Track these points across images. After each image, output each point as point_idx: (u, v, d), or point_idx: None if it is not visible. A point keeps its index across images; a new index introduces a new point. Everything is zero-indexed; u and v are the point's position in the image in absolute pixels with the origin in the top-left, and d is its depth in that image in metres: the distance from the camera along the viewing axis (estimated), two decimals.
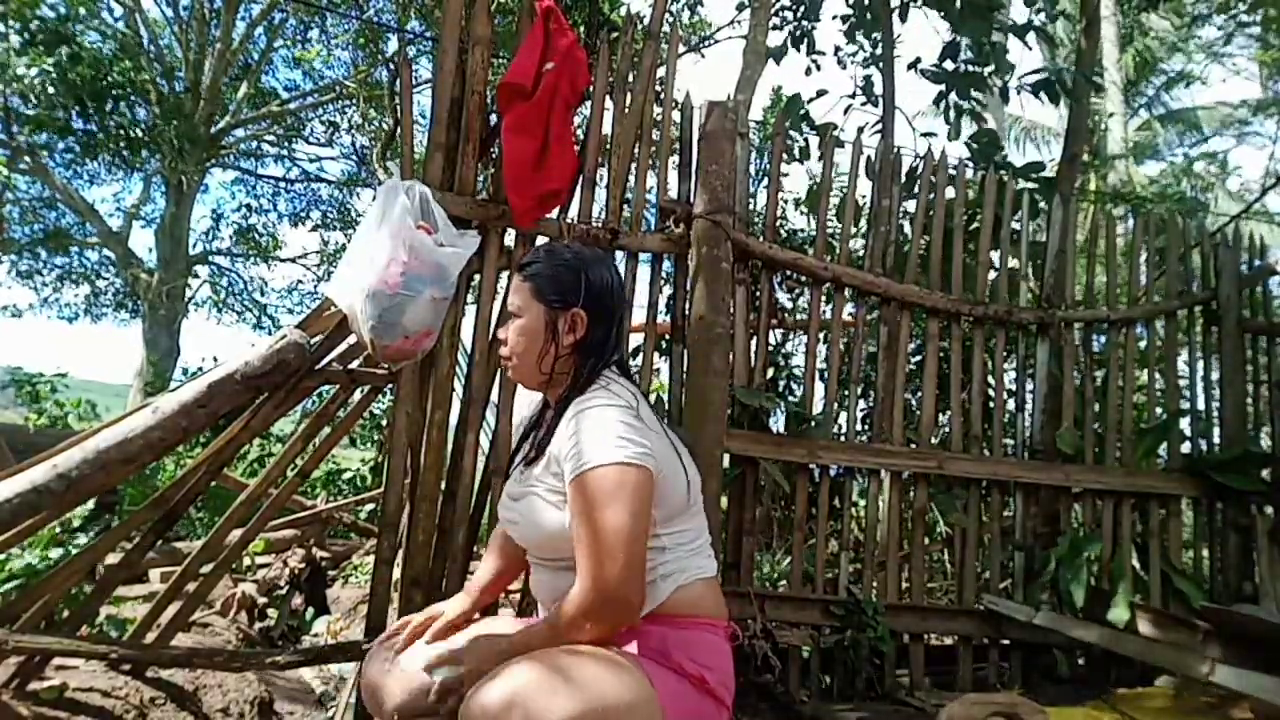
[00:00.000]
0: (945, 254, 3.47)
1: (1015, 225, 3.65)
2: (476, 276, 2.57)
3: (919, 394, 3.53)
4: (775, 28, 6.93)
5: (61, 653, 2.08)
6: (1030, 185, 4.37)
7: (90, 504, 2.69)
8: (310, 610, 4.41)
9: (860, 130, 3.49)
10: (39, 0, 7.88)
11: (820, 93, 5.79)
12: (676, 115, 2.99)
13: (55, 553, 2.33)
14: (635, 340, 3.35)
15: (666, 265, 2.92)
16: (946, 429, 3.49)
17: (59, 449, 2.11)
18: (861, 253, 3.56)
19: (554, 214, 2.66)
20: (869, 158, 3.35)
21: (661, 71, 2.93)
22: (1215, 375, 3.79)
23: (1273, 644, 2.61)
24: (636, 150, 2.80)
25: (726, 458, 2.87)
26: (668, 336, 2.98)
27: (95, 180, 13.41)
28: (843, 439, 3.22)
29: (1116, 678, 3.20)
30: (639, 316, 2.95)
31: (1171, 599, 3.41)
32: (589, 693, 1.23)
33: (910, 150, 3.51)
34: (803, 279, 3.32)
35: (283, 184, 15.92)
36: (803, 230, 5.54)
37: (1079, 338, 3.57)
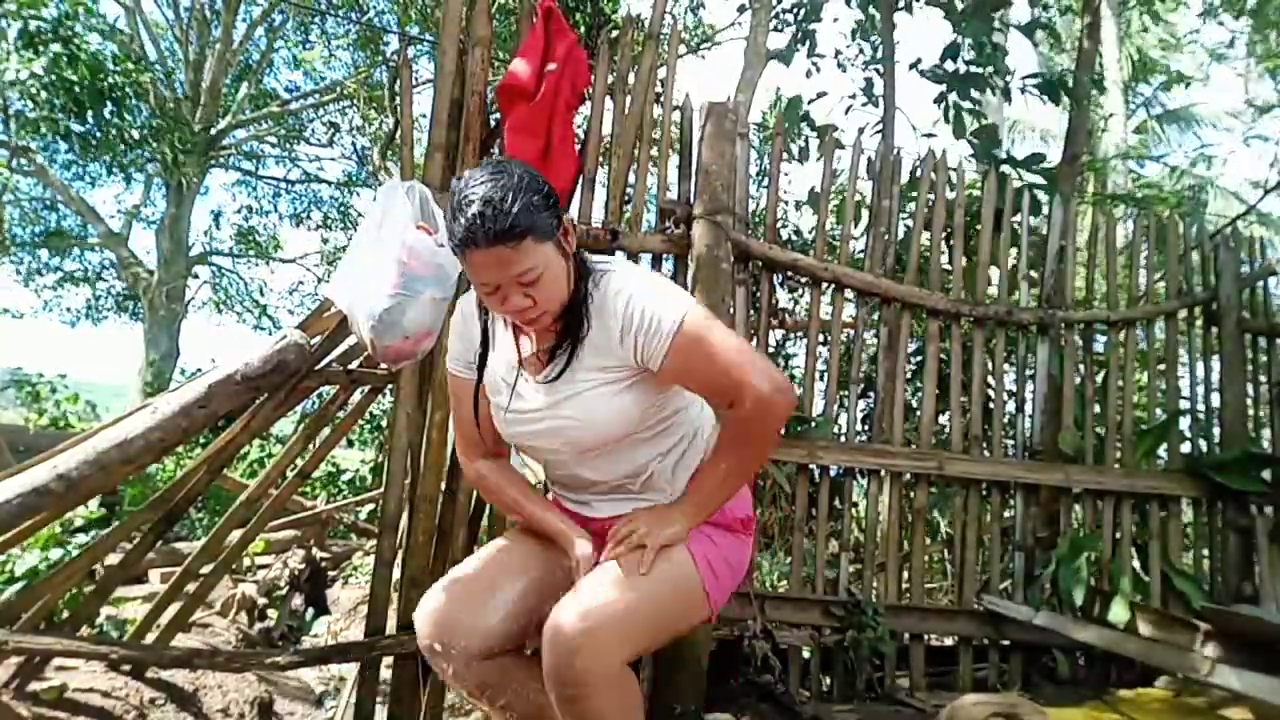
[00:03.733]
0: (946, 254, 3.47)
1: (1015, 225, 3.65)
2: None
3: (919, 394, 3.53)
4: (776, 29, 6.93)
5: (61, 653, 2.08)
6: (1033, 180, 4.37)
7: (95, 505, 2.69)
8: (310, 610, 4.41)
9: (860, 131, 3.50)
10: (42, 0, 7.88)
11: (821, 94, 5.79)
12: (676, 116, 2.99)
13: (56, 553, 2.33)
14: None
15: (666, 265, 2.92)
16: (947, 429, 3.49)
17: (59, 449, 2.11)
18: (862, 253, 3.56)
19: None
20: (869, 158, 3.35)
21: (662, 72, 2.93)
22: (1215, 375, 3.79)
23: (1273, 645, 2.61)
24: (637, 151, 2.80)
25: None
26: None
27: (96, 182, 13.41)
28: (843, 439, 3.22)
29: (1116, 678, 3.20)
30: None
31: (1171, 599, 3.41)
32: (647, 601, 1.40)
33: (911, 151, 3.51)
34: (803, 280, 3.32)
35: (283, 185, 15.92)
36: (803, 229, 5.53)
37: (1079, 338, 3.57)
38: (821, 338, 3.23)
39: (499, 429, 1.58)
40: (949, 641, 3.32)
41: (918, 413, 3.46)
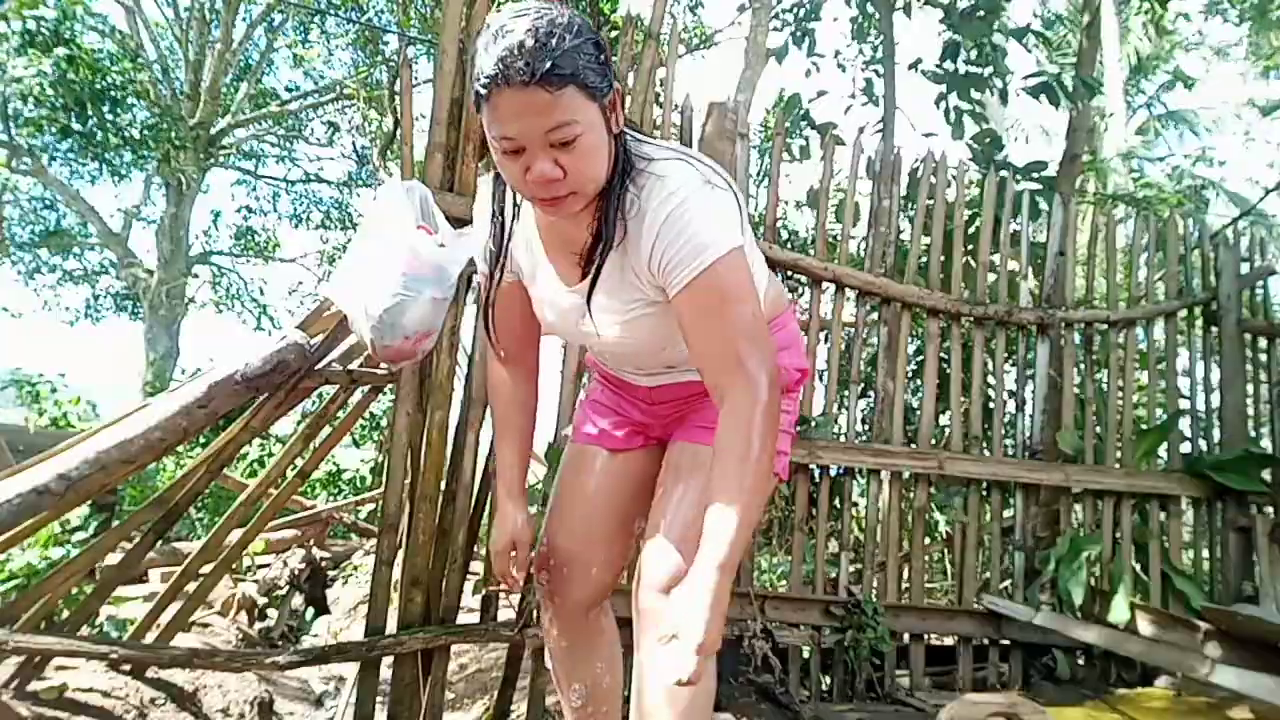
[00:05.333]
0: (945, 254, 3.47)
1: (1015, 226, 3.65)
2: (476, 276, 2.57)
3: (919, 394, 3.53)
4: (775, 29, 6.94)
5: (61, 653, 2.08)
6: (1032, 185, 4.38)
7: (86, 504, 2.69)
8: (310, 610, 4.41)
9: (860, 130, 3.50)
10: (39, 0, 7.89)
11: (821, 93, 5.80)
12: (677, 116, 2.99)
13: (56, 552, 2.33)
14: None
15: None
16: (947, 429, 3.50)
17: (59, 449, 2.11)
18: (862, 253, 3.57)
19: None
20: (869, 158, 3.35)
21: (662, 72, 2.93)
22: (1215, 375, 3.79)
23: (1273, 645, 2.61)
24: None
25: None
26: None
27: (95, 181, 13.41)
28: (843, 439, 3.22)
29: (1116, 678, 3.21)
30: None
31: (1171, 599, 3.41)
32: None
33: (911, 151, 3.51)
34: (803, 279, 3.32)
35: (283, 185, 15.92)
36: (802, 229, 5.54)
37: (1079, 338, 3.57)
38: (821, 337, 3.23)
39: (554, 333, 1.49)
40: (949, 641, 3.32)
41: (918, 413, 3.46)
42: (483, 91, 1.09)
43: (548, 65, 1.05)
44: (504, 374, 1.54)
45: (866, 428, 3.53)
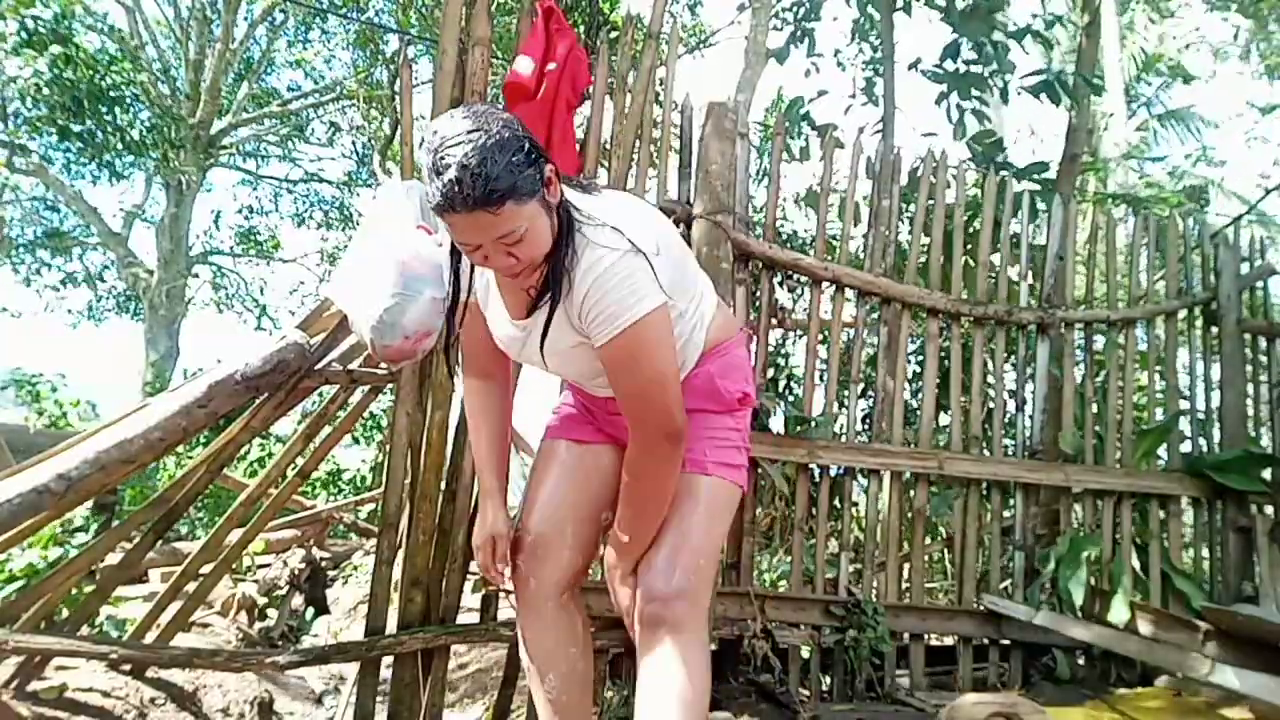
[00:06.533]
0: (946, 254, 3.48)
1: (1015, 226, 3.65)
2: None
3: (919, 394, 3.53)
4: (775, 29, 6.94)
5: (61, 653, 2.08)
6: (1033, 186, 4.38)
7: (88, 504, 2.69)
8: (310, 610, 4.41)
9: (860, 130, 3.50)
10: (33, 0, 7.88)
11: (821, 93, 5.80)
12: (676, 116, 2.99)
13: (56, 552, 2.33)
14: None
15: None
16: (947, 429, 3.50)
17: (59, 449, 2.12)
18: (862, 253, 3.57)
19: None
20: (869, 158, 3.35)
21: (661, 72, 2.93)
22: (1215, 375, 3.79)
23: (1273, 645, 2.61)
24: (636, 151, 2.80)
25: None
26: None
27: (96, 181, 13.40)
28: (843, 439, 3.22)
29: (1116, 677, 3.21)
30: None
31: (1171, 599, 3.41)
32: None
33: (911, 150, 3.51)
34: (803, 279, 3.32)
35: (284, 184, 15.90)
36: (801, 229, 5.54)
37: (1079, 338, 3.57)
38: (821, 337, 3.23)
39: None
40: (949, 641, 3.32)
41: (918, 413, 3.46)
42: (436, 212, 1.28)
43: (484, 193, 1.22)
44: (475, 384, 1.72)
45: (866, 428, 3.53)
